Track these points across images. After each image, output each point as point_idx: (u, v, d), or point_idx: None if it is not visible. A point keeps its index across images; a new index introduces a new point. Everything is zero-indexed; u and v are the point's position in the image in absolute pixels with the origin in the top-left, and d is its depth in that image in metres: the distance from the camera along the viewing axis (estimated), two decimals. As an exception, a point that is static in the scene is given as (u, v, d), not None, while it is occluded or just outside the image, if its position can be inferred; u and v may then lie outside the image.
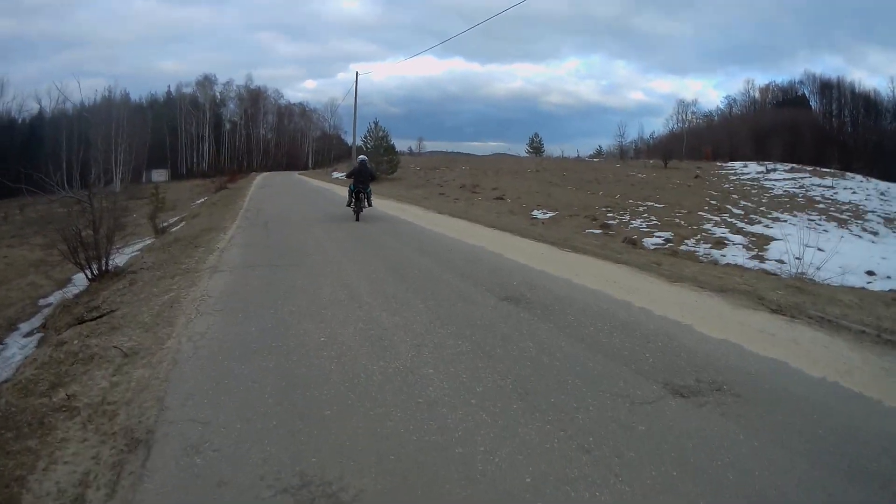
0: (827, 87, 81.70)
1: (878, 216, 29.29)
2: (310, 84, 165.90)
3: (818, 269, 11.78)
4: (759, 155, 55.90)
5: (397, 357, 5.13)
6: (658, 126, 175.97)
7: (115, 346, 5.67)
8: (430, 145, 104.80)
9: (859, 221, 27.60)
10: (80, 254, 11.23)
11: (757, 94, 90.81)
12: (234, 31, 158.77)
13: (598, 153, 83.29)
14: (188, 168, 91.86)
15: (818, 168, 45.93)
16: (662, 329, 5.98)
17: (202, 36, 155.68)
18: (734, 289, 7.90)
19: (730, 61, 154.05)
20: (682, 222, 23.25)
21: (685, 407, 4.20)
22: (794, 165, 46.90)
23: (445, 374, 4.74)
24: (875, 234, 25.66)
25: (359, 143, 48.34)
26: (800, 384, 4.64)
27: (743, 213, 26.46)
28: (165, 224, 23.32)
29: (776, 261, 17.26)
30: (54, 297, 12.22)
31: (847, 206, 31.07)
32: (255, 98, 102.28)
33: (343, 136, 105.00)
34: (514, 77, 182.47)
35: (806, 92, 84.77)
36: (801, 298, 7.41)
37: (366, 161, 18.01)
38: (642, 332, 5.88)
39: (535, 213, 25.54)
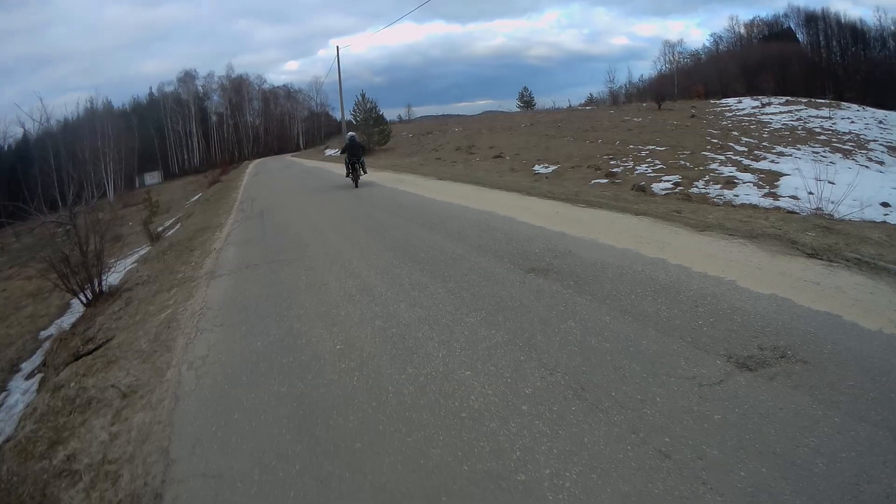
0: (812, 19, 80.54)
1: (881, 145, 28.80)
2: (292, 65, 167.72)
3: (835, 203, 11.39)
4: (751, 90, 55.44)
5: (427, 360, 4.50)
6: (646, 69, 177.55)
7: (112, 386, 5.14)
8: (418, 111, 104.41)
9: (863, 151, 27.03)
10: (72, 279, 10.58)
11: (742, 30, 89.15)
12: (211, 22, 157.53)
13: (590, 101, 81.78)
14: (180, 166, 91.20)
15: (812, 100, 45.17)
16: (706, 289, 5.36)
17: (179, 32, 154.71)
18: (763, 233, 7.24)
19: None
20: (688, 164, 22.55)
21: (756, 383, 3.66)
22: (788, 98, 46.11)
23: (485, 375, 4.13)
24: (881, 163, 25.19)
25: (347, 117, 47.68)
26: (859, 340, 4.09)
27: (746, 149, 25.79)
28: (161, 228, 22.72)
29: (790, 197, 17.03)
30: (54, 327, 11.61)
31: (848, 137, 30.44)
32: (237, 87, 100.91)
33: (331, 113, 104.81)
34: (495, 35, 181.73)
35: (791, 25, 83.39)
36: (832, 239, 6.84)
37: (354, 136, 20.27)
38: (686, 294, 5.26)
39: (536, 168, 24.82)
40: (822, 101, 44.61)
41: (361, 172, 19.08)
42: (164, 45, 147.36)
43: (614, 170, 22.30)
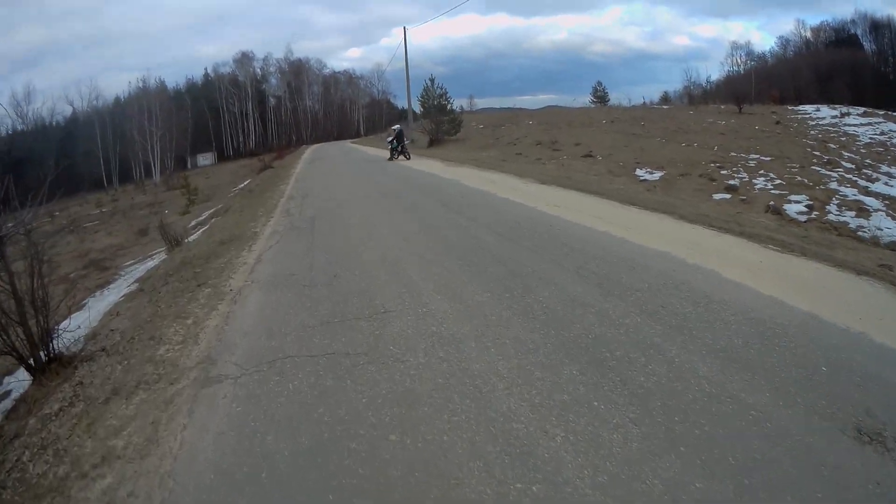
0: (879, 27, 73.74)
1: None
2: (353, 53, 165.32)
3: None
4: (823, 98, 49.78)
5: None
6: (709, 70, 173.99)
7: None
8: (480, 102, 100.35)
9: None
10: (11, 334, 6.18)
11: (808, 35, 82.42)
12: (272, 7, 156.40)
13: (665, 99, 76.52)
14: (234, 148, 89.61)
15: (889, 112, 39.72)
16: None
17: (239, 16, 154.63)
18: None
19: (771, 3, 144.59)
20: (805, 180, 18.85)
21: None
22: (865, 109, 40.56)
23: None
24: None
25: (413, 104, 43.91)
26: None
27: (853, 166, 21.89)
28: (194, 223, 18.81)
29: None
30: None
31: None
32: (297, 70, 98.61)
33: (392, 101, 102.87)
34: (557, 29, 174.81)
35: (858, 32, 76.46)
36: None
37: (401, 129, 27.57)
38: None
39: (638, 172, 20.69)
40: None
41: (403, 157, 25.57)
42: (222, 28, 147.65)
43: (730, 181, 18.54)
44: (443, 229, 9.27)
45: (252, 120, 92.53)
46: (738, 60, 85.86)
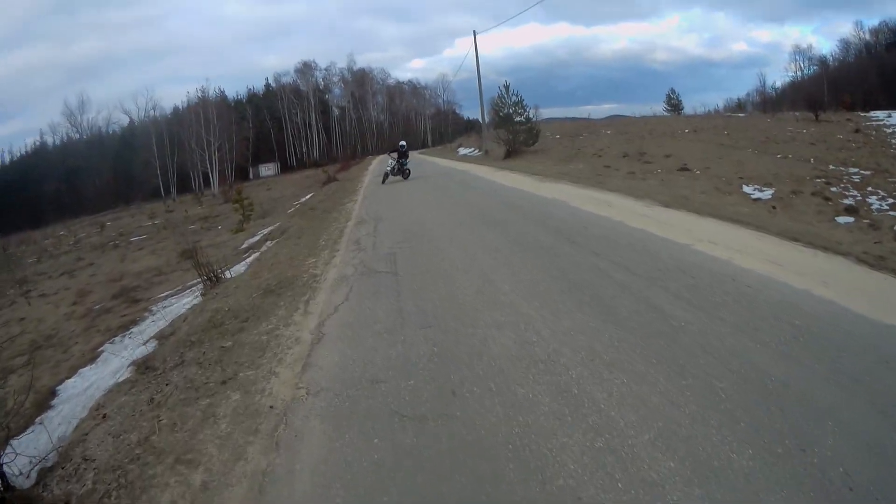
0: None
1: None
2: (417, 63, 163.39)
3: None
4: (891, 103, 46.15)
5: None
6: (773, 75, 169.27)
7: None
8: (544, 112, 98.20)
9: None
10: None
11: (867, 37, 76.77)
12: (334, 19, 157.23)
13: (740, 106, 72.38)
14: (298, 158, 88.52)
15: None
16: None
17: (301, 28, 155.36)
18: None
19: (825, 5, 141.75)
20: None
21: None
22: None
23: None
24: None
25: (487, 112, 41.17)
26: None
27: None
28: (245, 245, 16.05)
29: None
30: None
31: None
32: (360, 80, 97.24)
33: (458, 111, 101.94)
34: (618, 37, 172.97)
35: None
36: None
37: (405, 145, 25.29)
38: None
39: (746, 189, 18.42)
40: None
41: (403, 173, 23.89)
42: (283, 40, 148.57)
43: (845, 201, 16.98)
44: (588, 281, 6.37)
45: (315, 130, 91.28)
46: (801, 65, 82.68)
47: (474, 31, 42.69)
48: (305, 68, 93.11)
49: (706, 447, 3.17)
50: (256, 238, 17.08)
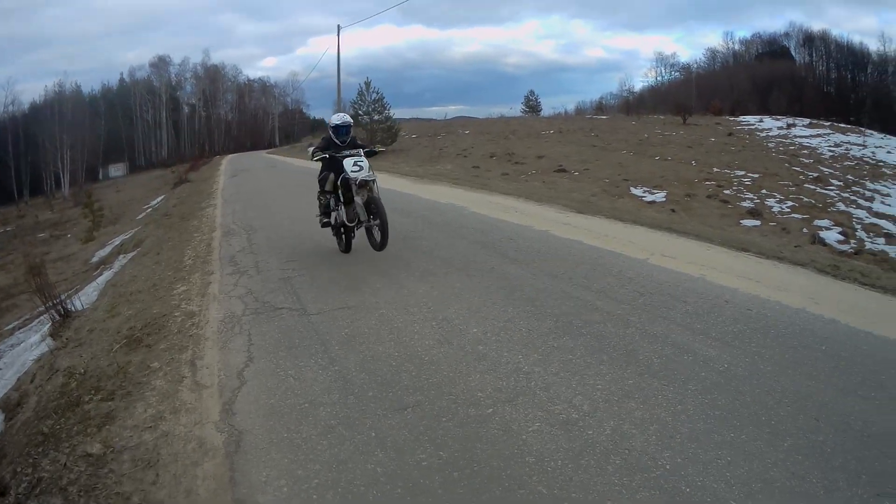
0: (811, 40, 75.38)
1: None
2: (269, 62, 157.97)
3: None
4: (762, 109, 51.13)
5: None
6: (631, 81, 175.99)
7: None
8: (392, 113, 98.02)
9: None
10: None
11: (737, 47, 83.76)
12: (199, 13, 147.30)
13: (601, 108, 75.22)
14: (147, 158, 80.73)
15: (834, 123, 40.80)
16: None
17: (168, 21, 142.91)
18: None
19: (690, 16, 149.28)
20: (813, 201, 17.96)
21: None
22: (811, 121, 40.81)
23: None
24: None
25: (346, 111, 39.23)
26: None
27: (842, 183, 21.28)
28: (96, 258, 13.57)
29: None
30: None
31: None
32: (213, 77, 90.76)
33: (306, 111, 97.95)
34: (472, 41, 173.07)
35: (791, 45, 78.17)
36: None
37: (351, 124, 8.60)
38: None
39: (636, 192, 18.10)
40: (845, 125, 40.63)
41: (379, 236, 7.52)
42: (149, 34, 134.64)
43: (743, 204, 17.06)
44: (578, 319, 5.26)
45: (165, 129, 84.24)
46: (662, 71, 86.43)
47: (339, 26, 41.67)
48: (160, 63, 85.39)
49: None
50: (107, 250, 14.45)
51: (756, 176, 20.59)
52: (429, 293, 6.14)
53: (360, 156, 7.80)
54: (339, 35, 40.58)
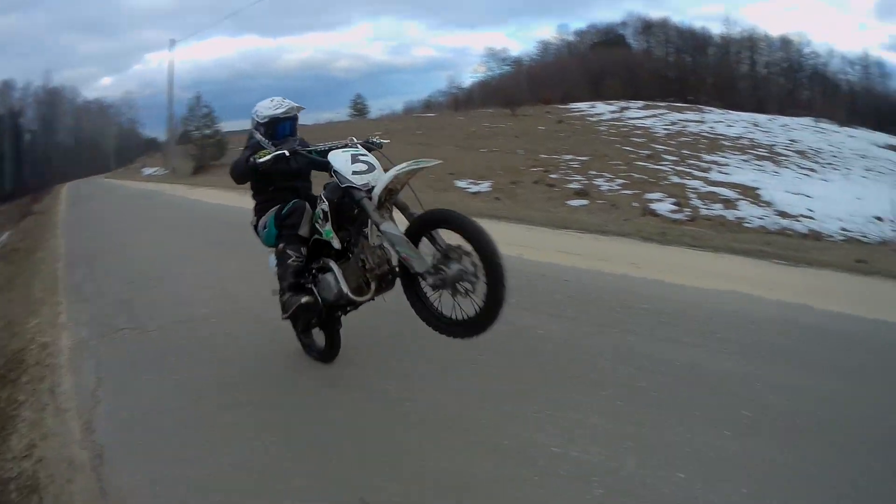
0: (651, 27, 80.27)
1: (790, 151, 27.36)
2: (106, 81, 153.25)
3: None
4: (597, 96, 53.18)
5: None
6: (461, 78, 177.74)
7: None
8: (225, 126, 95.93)
9: (782, 158, 25.37)
10: None
11: (571, 38, 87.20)
12: (41, 34, 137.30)
13: (428, 106, 78.55)
14: None
15: (671, 103, 44.36)
16: None
17: (11, 44, 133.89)
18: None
19: (523, 11, 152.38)
20: (645, 177, 19.39)
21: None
22: (647, 102, 44.30)
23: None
24: (811, 170, 23.82)
25: (177, 127, 39.10)
26: None
27: (677, 158, 23.14)
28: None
29: (803, 216, 15.56)
30: None
31: (748, 142, 28.57)
32: (52, 100, 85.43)
33: (139, 129, 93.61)
34: (304, 48, 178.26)
35: (627, 33, 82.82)
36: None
37: (296, 117, 5.00)
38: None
39: (460, 184, 19.62)
40: (683, 104, 44.15)
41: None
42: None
43: (571, 185, 18.31)
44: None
45: (8, 160, 77.60)
46: (493, 66, 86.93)
47: (172, 39, 41.14)
48: (4, 88, 79.14)
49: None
50: None
51: (585, 159, 21.96)
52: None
53: (355, 146, 4.54)
54: (171, 49, 40.14)
